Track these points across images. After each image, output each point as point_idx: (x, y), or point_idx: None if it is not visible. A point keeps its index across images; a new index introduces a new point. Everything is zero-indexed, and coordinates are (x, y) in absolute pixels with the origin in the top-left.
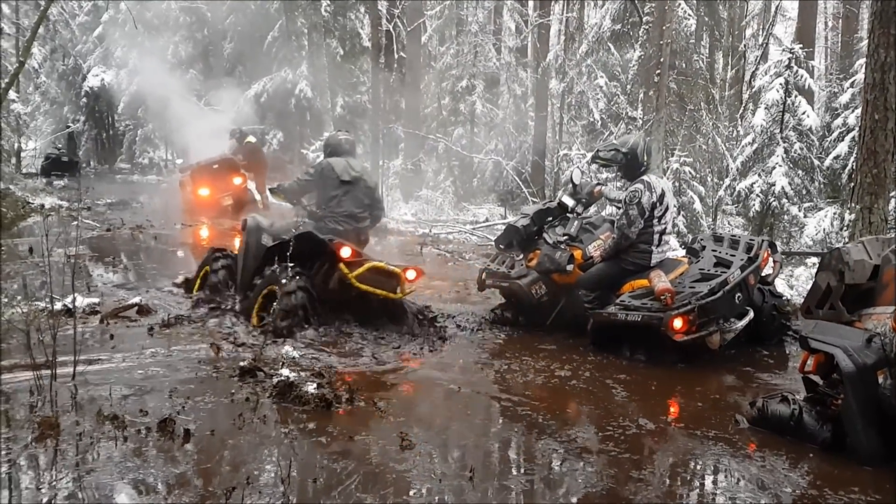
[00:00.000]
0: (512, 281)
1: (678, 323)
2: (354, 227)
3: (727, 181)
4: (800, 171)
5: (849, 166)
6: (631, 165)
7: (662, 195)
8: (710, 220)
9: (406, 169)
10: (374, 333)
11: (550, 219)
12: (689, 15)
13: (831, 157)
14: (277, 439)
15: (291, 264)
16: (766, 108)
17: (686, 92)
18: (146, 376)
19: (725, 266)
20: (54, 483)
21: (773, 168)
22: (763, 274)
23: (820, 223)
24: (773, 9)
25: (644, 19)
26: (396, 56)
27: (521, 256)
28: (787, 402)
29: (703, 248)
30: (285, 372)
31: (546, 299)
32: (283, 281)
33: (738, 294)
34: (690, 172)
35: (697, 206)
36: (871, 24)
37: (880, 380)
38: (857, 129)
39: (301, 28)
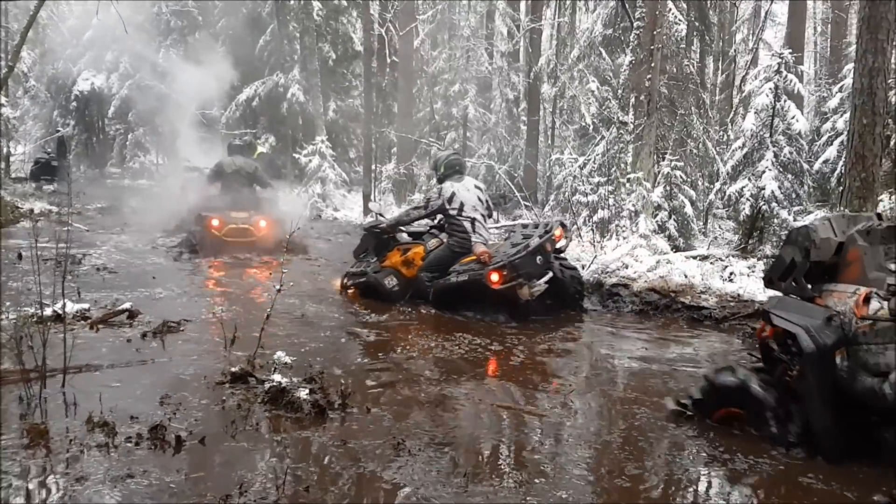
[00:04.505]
0: (370, 276)
1: (495, 276)
2: (238, 196)
3: (718, 185)
4: (789, 175)
5: (838, 170)
6: (435, 171)
7: (452, 196)
8: (701, 223)
9: (399, 173)
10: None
11: (400, 227)
12: (680, 20)
13: (820, 160)
14: (270, 446)
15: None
16: (755, 112)
17: (677, 96)
18: (137, 382)
19: (529, 238)
20: (43, 493)
21: (763, 172)
22: (558, 246)
23: None
24: (762, 14)
25: (635, 24)
26: (389, 60)
27: (376, 259)
28: (731, 372)
29: (514, 231)
30: (277, 377)
31: (398, 289)
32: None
33: (539, 256)
34: (681, 176)
35: (688, 209)
36: (860, 30)
37: (838, 359)
38: (845, 133)
39: (293, 32)
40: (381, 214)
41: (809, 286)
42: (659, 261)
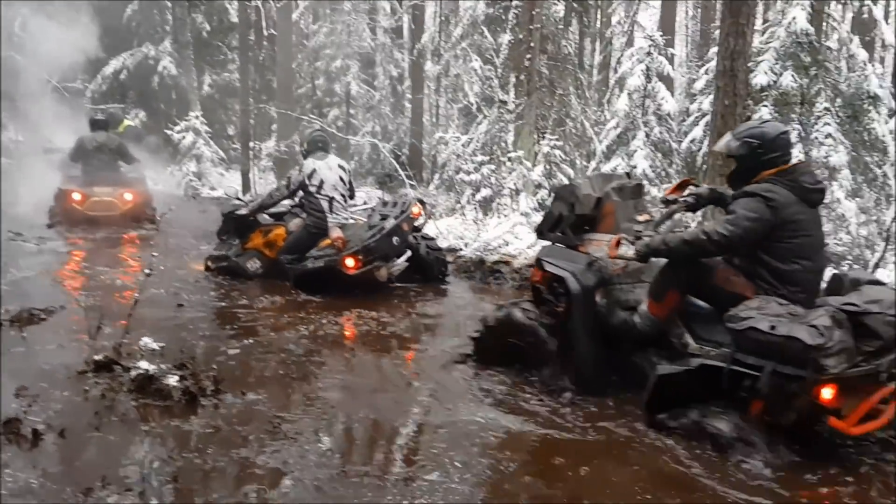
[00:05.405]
0: (231, 260)
1: (350, 261)
2: (101, 172)
3: (594, 164)
4: (659, 154)
5: (703, 149)
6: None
7: (312, 173)
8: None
9: (279, 151)
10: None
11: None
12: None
13: (688, 139)
14: (137, 436)
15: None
16: (628, 93)
17: (556, 77)
18: None
19: (385, 220)
20: None
21: (635, 151)
22: (416, 224)
23: None
24: None
25: (514, 3)
26: (266, 33)
27: (238, 241)
28: (518, 307)
29: (374, 210)
30: (144, 365)
31: (262, 271)
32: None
33: (396, 237)
34: (560, 156)
35: None
36: (723, 14)
37: (598, 298)
38: (710, 113)
39: (163, 2)
40: (239, 198)
41: (573, 236)
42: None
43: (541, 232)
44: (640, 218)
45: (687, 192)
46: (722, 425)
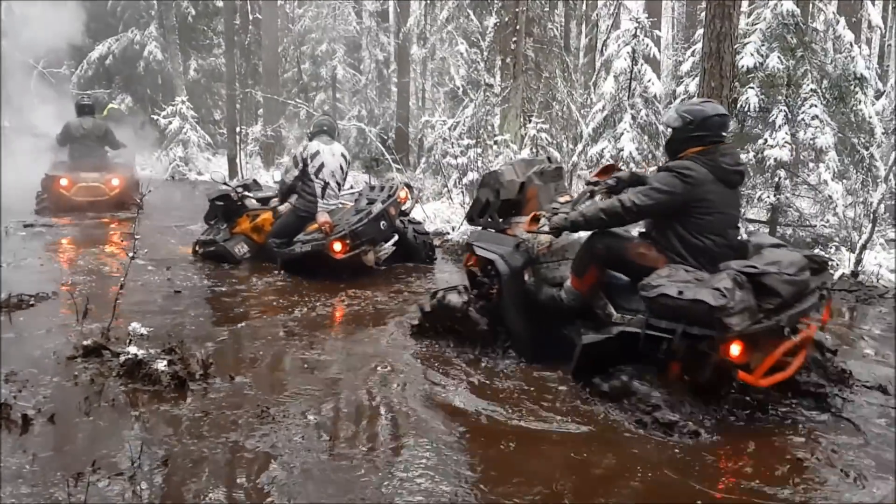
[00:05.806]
0: (218, 245)
1: (337, 246)
2: (88, 158)
3: (580, 147)
4: (646, 137)
5: None
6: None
7: (315, 154)
8: (566, 184)
9: (266, 135)
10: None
11: (248, 193)
12: None
13: None
14: (126, 421)
15: None
16: (614, 76)
17: (542, 60)
18: None
19: (373, 204)
20: None
21: (622, 134)
22: (403, 208)
23: None
24: None
25: None
26: (252, 17)
27: (226, 226)
28: (458, 293)
29: (361, 194)
30: (133, 349)
31: (249, 256)
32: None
33: (383, 222)
34: (547, 139)
35: None
36: None
37: (526, 277)
38: (696, 95)
39: None
40: (226, 183)
41: (501, 220)
42: None
43: (471, 218)
44: (561, 199)
45: (612, 176)
46: (647, 386)
